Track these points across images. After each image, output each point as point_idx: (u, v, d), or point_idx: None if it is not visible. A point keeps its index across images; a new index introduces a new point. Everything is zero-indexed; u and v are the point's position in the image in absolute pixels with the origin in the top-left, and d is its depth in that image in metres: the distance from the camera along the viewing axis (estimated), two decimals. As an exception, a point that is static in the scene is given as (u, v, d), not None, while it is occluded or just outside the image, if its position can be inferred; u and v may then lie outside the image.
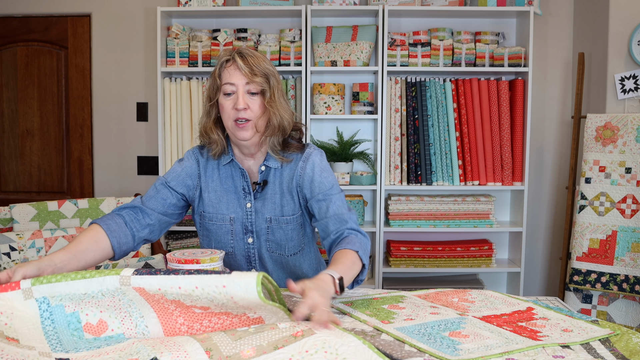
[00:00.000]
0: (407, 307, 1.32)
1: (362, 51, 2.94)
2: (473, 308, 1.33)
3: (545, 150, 3.24)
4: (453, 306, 1.34)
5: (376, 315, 1.26)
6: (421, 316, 1.25)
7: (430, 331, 1.18)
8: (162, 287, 1.08)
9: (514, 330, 1.19)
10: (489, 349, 1.07)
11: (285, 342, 0.98)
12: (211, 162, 1.57)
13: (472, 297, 1.41)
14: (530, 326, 1.21)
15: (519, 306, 1.34)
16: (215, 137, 1.52)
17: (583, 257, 2.63)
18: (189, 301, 1.10)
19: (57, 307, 1.07)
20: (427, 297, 1.42)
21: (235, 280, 1.05)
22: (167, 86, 2.99)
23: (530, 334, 1.16)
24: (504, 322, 1.24)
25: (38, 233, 2.15)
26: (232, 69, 1.46)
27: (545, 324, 1.22)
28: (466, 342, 1.11)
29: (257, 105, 1.46)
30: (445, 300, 1.39)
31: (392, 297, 1.41)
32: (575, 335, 1.15)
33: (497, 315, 1.28)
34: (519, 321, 1.24)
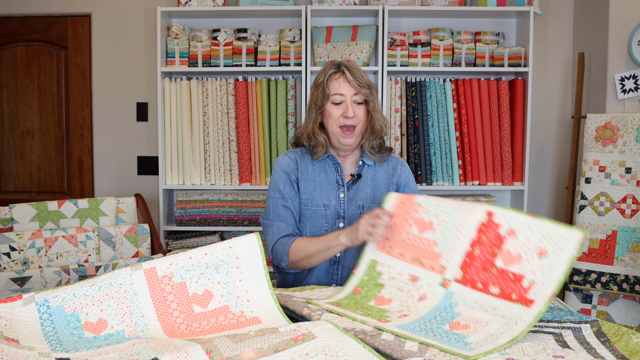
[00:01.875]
0: (393, 299, 1.34)
1: (362, 51, 2.94)
2: (445, 253, 1.34)
3: (545, 150, 3.24)
4: (428, 265, 1.36)
5: (370, 315, 1.28)
6: (412, 307, 1.29)
7: (430, 326, 1.20)
8: (173, 261, 1.16)
9: (503, 292, 1.23)
10: (496, 339, 1.12)
11: (285, 345, 0.98)
12: (305, 157, 1.78)
13: (427, 217, 1.41)
14: (509, 265, 1.25)
15: (478, 215, 1.34)
16: (321, 139, 1.73)
17: (583, 257, 2.63)
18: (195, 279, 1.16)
19: (57, 308, 1.08)
20: (402, 255, 1.42)
21: (239, 241, 1.23)
22: (167, 86, 2.99)
23: (519, 293, 1.21)
24: (483, 270, 1.27)
25: (38, 233, 2.15)
26: (341, 80, 1.68)
27: (519, 250, 1.25)
28: (471, 335, 1.15)
29: (362, 113, 1.70)
30: (415, 250, 1.40)
31: (369, 278, 1.42)
32: (554, 258, 1.20)
33: (470, 255, 1.30)
34: (492, 256, 1.27)
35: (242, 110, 2.99)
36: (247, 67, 2.97)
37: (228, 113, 3.00)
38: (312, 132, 1.73)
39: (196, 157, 3.02)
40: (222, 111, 3.00)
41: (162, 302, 1.13)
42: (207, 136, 3.01)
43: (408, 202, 1.46)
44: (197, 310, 1.15)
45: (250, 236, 1.24)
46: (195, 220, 3.03)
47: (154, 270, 1.14)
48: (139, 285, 1.12)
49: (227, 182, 3.03)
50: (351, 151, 1.77)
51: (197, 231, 3.08)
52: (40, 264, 2.12)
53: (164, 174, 3.03)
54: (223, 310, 1.16)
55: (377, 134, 1.74)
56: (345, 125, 1.68)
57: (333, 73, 1.70)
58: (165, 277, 1.15)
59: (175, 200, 3.08)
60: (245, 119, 2.99)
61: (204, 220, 3.03)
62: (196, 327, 1.13)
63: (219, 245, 1.20)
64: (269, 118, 3.01)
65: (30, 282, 2.01)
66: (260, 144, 3.00)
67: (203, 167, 3.03)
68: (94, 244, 2.24)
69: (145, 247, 2.35)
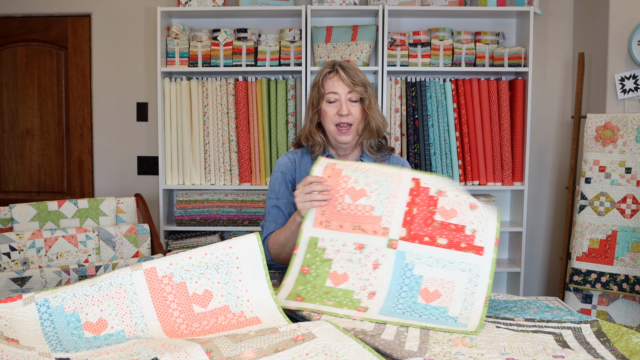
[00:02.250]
0: (349, 274, 1.34)
1: (362, 51, 2.94)
2: (385, 215, 1.37)
3: (545, 150, 3.24)
4: (370, 230, 1.37)
5: (342, 304, 1.28)
6: (372, 280, 1.31)
7: (403, 303, 1.25)
8: (173, 261, 1.16)
9: (451, 242, 1.30)
10: (472, 304, 1.22)
11: (285, 345, 0.98)
12: (305, 157, 1.78)
13: (358, 186, 1.43)
14: (448, 218, 1.32)
15: (406, 182, 1.40)
16: (318, 139, 1.73)
17: (583, 257, 2.63)
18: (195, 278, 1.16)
19: (57, 309, 1.08)
20: (341, 226, 1.41)
21: (239, 241, 1.23)
22: (167, 86, 2.99)
23: (467, 242, 1.28)
24: (425, 225, 1.33)
25: (38, 233, 2.15)
26: (335, 79, 1.69)
27: (452, 205, 1.34)
28: (449, 305, 1.24)
29: (357, 111, 1.70)
30: (353, 219, 1.40)
31: (313, 256, 1.40)
32: (484, 210, 1.32)
33: (409, 213, 1.35)
34: (431, 213, 1.34)
35: (242, 110, 2.99)
36: (247, 67, 2.97)
37: (228, 113, 3.00)
38: (309, 132, 1.75)
39: (196, 157, 3.02)
40: (222, 111, 3.00)
41: (162, 302, 1.13)
42: (207, 136, 3.01)
43: (335, 175, 1.45)
44: (197, 310, 1.15)
45: (250, 236, 1.24)
46: (195, 220, 3.03)
47: (154, 270, 1.14)
48: (139, 285, 1.12)
49: (227, 182, 3.03)
50: (350, 150, 1.77)
51: (197, 231, 3.08)
52: (40, 264, 2.12)
53: (164, 174, 3.03)
54: (223, 310, 1.17)
55: (374, 133, 1.73)
56: (341, 124, 1.69)
57: (328, 72, 1.72)
58: (165, 277, 1.15)
59: (175, 200, 3.08)
60: (245, 119, 2.99)
61: (204, 220, 3.03)
62: (196, 327, 1.13)
63: (219, 245, 1.21)
64: (269, 118, 3.01)
65: (30, 282, 2.01)
66: (260, 144, 3.00)
67: (203, 167, 3.03)
68: (94, 244, 2.24)
69: (145, 247, 2.35)
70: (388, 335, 1.12)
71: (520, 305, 1.39)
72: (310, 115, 1.76)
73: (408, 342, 1.09)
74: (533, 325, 1.23)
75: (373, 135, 1.74)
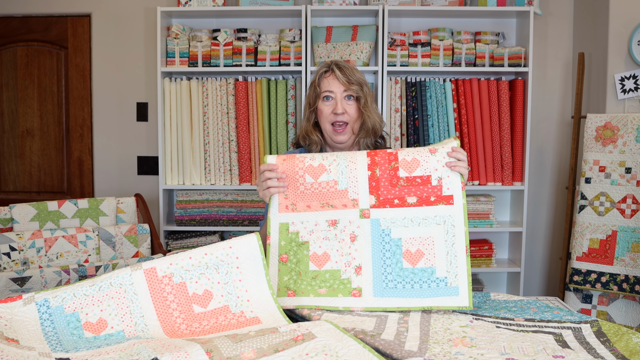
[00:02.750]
0: (329, 252, 1.34)
1: (362, 51, 2.94)
2: (350, 187, 1.37)
3: (545, 150, 3.24)
4: (340, 204, 1.37)
5: (335, 290, 1.29)
6: (354, 253, 1.32)
7: (390, 272, 1.27)
8: (173, 261, 1.17)
9: (420, 199, 1.32)
10: (455, 256, 1.27)
11: (285, 345, 0.98)
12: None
13: (316, 162, 1.42)
14: (412, 171, 1.33)
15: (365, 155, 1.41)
16: (315, 138, 1.75)
17: (583, 257, 2.63)
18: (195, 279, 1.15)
19: (57, 309, 1.08)
20: (309, 207, 1.40)
21: (239, 241, 1.23)
22: (167, 86, 2.99)
23: (435, 194, 1.31)
24: (392, 186, 1.34)
25: (38, 233, 2.15)
26: (330, 78, 1.70)
27: (412, 154, 1.35)
28: (435, 264, 1.27)
29: (353, 110, 1.70)
30: (319, 196, 1.39)
31: (288, 242, 1.39)
32: (444, 150, 1.34)
33: (373, 177, 1.36)
34: (394, 170, 1.35)
35: (242, 110, 2.99)
36: (247, 67, 2.97)
37: (228, 113, 3.00)
38: (306, 131, 1.76)
39: (196, 157, 3.02)
40: (222, 111, 3.00)
41: (162, 302, 1.13)
42: (207, 136, 3.01)
43: (289, 158, 1.45)
44: (197, 310, 1.15)
45: (250, 236, 1.24)
46: (195, 220, 3.03)
47: (154, 270, 1.14)
48: (139, 285, 1.12)
49: (227, 182, 3.03)
50: (347, 149, 1.77)
51: (197, 231, 3.08)
52: (40, 264, 2.12)
53: (164, 174, 3.03)
54: (223, 310, 1.16)
55: (370, 132, 1.74)
56: (336, 122, 1.69)
57: (324, 72, 1.73)
58: (165, 277, 1.15)
59: (175, 200, 3.08)
60: (245, 119, 2.99)
61: (204, 220, 3.03)
62: (196, 327, 1.13)
63: (218, 246, 1.21)
64: (269, 118, 3.01)
65: (30, 282, 2.01)
66: (260, 144, 3.00)
67: (203, 167, 3.03)
68: (94, 244, 2.24)
69: (145, 247, 2.35)
70: (388, 335, 1.12)
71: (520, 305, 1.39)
72: (307, 114, 1.77)
73: (408, 342, 1.09)
74: (533, 325, 1.23)
75: (369, 134, 1.74)
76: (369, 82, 3.04)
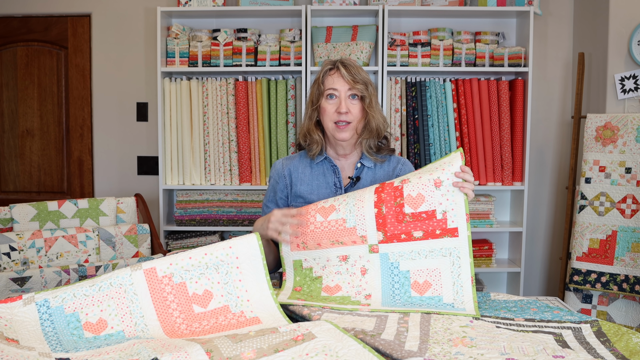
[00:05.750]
0: (340, 284, 1.39)
1: (362, 51, 2.94)
2: (358, 225, 1.41)
3: (545, 150, 3.24)
4: (349, 241, 1.41)
5: (345, 304, 1.34)
6: (364, 285, 1.37)
7: (399, 300, 1.32)
8: (173, 261, 1.17)
9: (426, 232, 1.35)
10: (462, 285, 1.31)
11: (285, 345, 0.98)
12: (304, 159, 1.78)
13: (326, 203, 1.47)
14: (417, 207, 1.37)
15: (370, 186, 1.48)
16: (316, 137, 1.72)
17: (583, 257, 2.63)
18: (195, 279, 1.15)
19: (57, 309, 1.08)
20: (319, 245, 1.44)
21: (238, 241, 1.23)
22: (167, 86, 2.99)
23: (441, 227, 1.34)
24: (398, 222, 1.38)
25: (38, 233, 2.14)
26: (335, 76, 1.67)
27: (417, 190, 1.38)
28: (442, 293, 1.32)
29: (357, 109, 1.67)
30: (329, 235, 1.43)
31: (302, 277, 1.45)
32: (449, 183, 1.37)
33: (380, 215, 1.39)
34: (399, 206, 1.38)
35: (242, 110, 2.99)
36: (247, 67, 2.97)
37: (228, 113, 3.00)
38: (307, 129, 1.74)
39: (196, 157, 3.02)
40: (222, 111, 3.00)
41: (162, 302, 1.13)
42: (207, 136, 3.01)
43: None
44: (197, 310, 1.15)
45: (250, 236, 1.24)
46: (195, 220, 3.03)
47: (154, 270, 1.14)
48: (139, 285, 1.12)
49: (227, 182, 3.03)
50: (350, 149, 1.75)
51: (197, 231, 3.08)
52: (40, 264, 2.12)
53: (164, 174, 3.03)
54: (223, 310, 1.16)
55: (374, 133, 1.70)
56: (340, 121, 1.66)
57: (329, 69, 1.70)
58: (165, 277, 1.15)
59: (175, 200, 3.08)
60: (245, 119, 2.99)
61: (204, 220, 3.03)
62: (196, 327, 1.13)
63: (218, 246, 1.21)
64: (269, 118, 3.01)
65: (30, 282, 2.01)
66: (260, 144, 3.00)
67: (203, 167, 3.03)
68: (94, 244, 2.24)
69: (145, 247, 2.35)
70: (388, 335, 1.12)
71: (520, 305, 1.39)
72: (310, 112, 1.74)
73: (408, 342, 1.09)
74: (533, 325, 1.23)
75: (373, 135, 1.71)
76: (369, 82, 3.05)
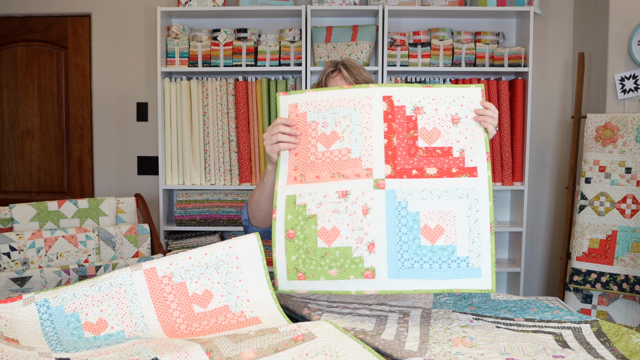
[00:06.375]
0: (339, 227, 1.22)
1: (362, 51, 2.94)
2: (364, 155, 1.25)
3: (545, 150, 3.24)
4: (352, 174, 1.26)
5: (347, 270, 1.20)
6: (366, 228, 1.20)
7: (407, 249, 1.16)
8: (173, 261, 1.16)
9: (441, 170, 1.20)
10: (479, 234, 1.16)
11: (285, 345, 0.98)
12: None
13: (328, 130, 1.30)
14: (432, 141, 1.23)
15: (377, 105, 1.28)
16: None
17: (583, 257, 2.63)
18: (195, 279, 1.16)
19: (57, 309, 1.08)
20: (318, 177, 1.28)
21: (238, 241, 1.21)
22: (167, 86, 2.99)
23: (457, 165, 1.20)
24: (410, 156, 1.23)
25: (38, 233, 2.15)
26: (337, 78, 1.65)
27: (433, 124, 1.24)
28: (456, 242, 1.16)
29: None
30: (330, 166, 1.28)
31: (295, 216, 1.28)
32: (467, 121, 1.23)
33: (390, 146, 1.24)
34: (412, 139, 1.24)
35: (242, 110, 2.99)
36: (247, 67, 2.97)
37: (228, 113, 3.00)
38: None
39: (196, 157, 3.02)
40: (222, 111, 3.00)
41: (162, 302, 1.13)
42: (207, 136, 3.01)
43: (302, 122, 1.32)
44: (197, 310, 1.15)
45: (250, 236, 1.24)
46: (195, 220, 3.03)
47: (154, 270, 1.14)
48: (138, 285, 1.12)
49: (227, 182, 3.03)
50: None
51: (197, 231, 3.08)
52: (40, 264, 2.12)
53: (164, 174, 3.03)
54: (223, 310, 1.17)
55: None
56: None
57: (331, 72, 1.70)
58: (165, 277, 1.15)
59: (175, 200, 3.08)
60: (245, 119, 2.99)
61: (204, 220, 3.03)
62: (196, 327, 1.13)
63: (218, 245, 1.20)
64: (269, 118, 3.01)
65: (30, 282, 2.01)
66: (260, 144, 3.00)
67: (203, 167, 3.03)
68: (94, 244, 2.24)
69: (145, 247, 2.35)
70: (388, 335, 1.12)
71: (520, 305, 1.39)
72: None
73: (408, 342, 1.09)
74: (533, 325, 1.23)
75: None
76: (369, 82, 3.05)
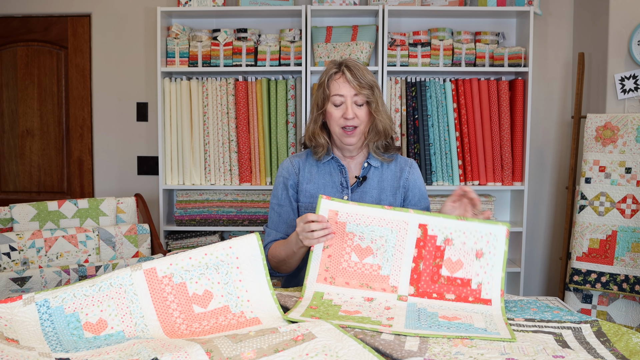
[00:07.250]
0: (362, 311, 1.28)
1: (362, 51, 2.94)
2: (392, 275, 1.37)
3: (545, 150, 3.24)
4: (379, 287, 1.37)
5: (364, 322, 1.23)
6: (386, 314, 1.27)
7: (424, 323, 1.21)
8: (173, 261, 1.17)
9: (458, 297, 1.32)
10: (496, 323, 1.21)
11: (285, 345, 0.98)
12: (311, 159, 1.77)
13: (364, 244, 1.40)
14: (454, 272, 1.34)
15: (412, 232, 1.39)
16: (321, 140, 1.72)
17: (583, 257, 2.63)
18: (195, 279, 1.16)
19: (57, 309, 1.08)
20: (347, 283, 1.38)
21: (239, 241, 1.23)
22: (167, 86, 2.99)
23: (474, 296, 1.30)
24: (432, 282, 1.34)
25: (38, 233, 2.14)
26: (340, 81, 1.64)
27: (458, 256, 1.35)
28: (473, 322, 1.22)
29: (363, 114, 1.66)
30: (360, 277, 1.39)
31: (319, 305, 1.33)
32: (490, 257, 1.34)
33: (416, 270, 1.35)
34: (437, 267, 1.35)
35: (242, 110, 2.99)
36: (247, 67, 2.97)
37: (228, 113, 3.00)
38: (312, 133, 1.73)
39: (196, 157, 3.02)
40: (222, 111, 3.00)
41: (162, 303, 1.13)
42: (207, 136, 3.01)
43: (339, 230, 1.42)
44: (197, 311, 1.15)
45: (250, 236, 1.24)
46: (195, 220, 3.03)
47: (154, 270, 1.14)
48: (139, 285, 1.12)
49: (227, 182, 3.03)
50: (357, 151, 1.75)
51: (197, 231, 3.08)
52: (40, 264, 2.12)
53: (164, 174, 3.03)
54: (223, 311, 1.17)
55: (381, 135, 1.70)
56: (347, 126, 1.66)
57: (334, 73, 1.68)
58: (165, 277, 1.15)
59: (175, 200, 3.08)
60: (245, 119, 2.99)
61: (204, 220, 3.03)
62: (196, 327, 1.13)
63: (218, 246, 1.20)
64: (269, 118, 3.01)
65: (30, 282, 2.01)
66: (260, 144, 3.00)
67: (203, 167, 3.03)
68: (94, 244, 2.24)
69: (145, 247, 2.35)
70: (388, 335, 1.12)
71: (520, 305, 1.39)
72: (315, 115, 1.72)
73: (408, 342, 1.09)
74: (533, 325, 1.23)
75: (380, 137, 1.71)
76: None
